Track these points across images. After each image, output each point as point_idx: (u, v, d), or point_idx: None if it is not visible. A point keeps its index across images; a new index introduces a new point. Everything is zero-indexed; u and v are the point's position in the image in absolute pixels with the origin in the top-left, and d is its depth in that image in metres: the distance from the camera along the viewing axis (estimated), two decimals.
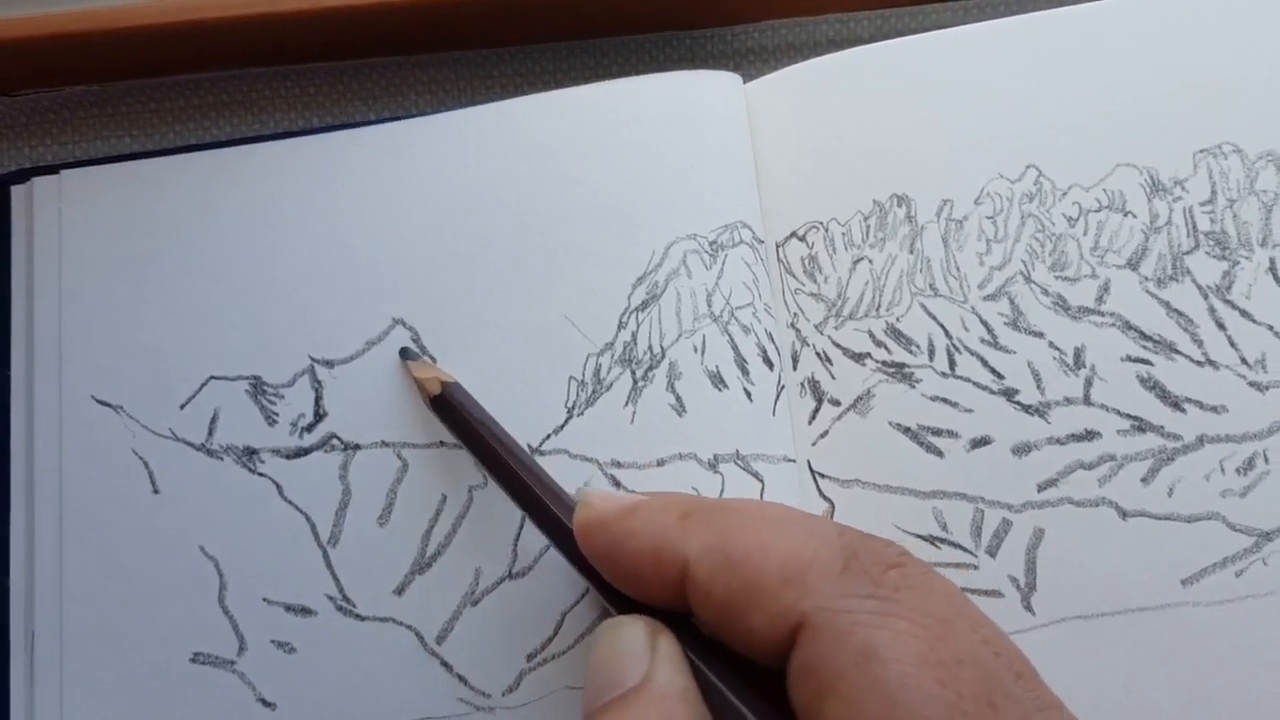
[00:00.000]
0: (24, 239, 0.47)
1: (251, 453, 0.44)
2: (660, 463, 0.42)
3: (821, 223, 0.45)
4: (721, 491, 0.42)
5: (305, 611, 0.43)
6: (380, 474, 0.44)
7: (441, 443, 0.43)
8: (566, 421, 0.43)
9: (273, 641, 0.44)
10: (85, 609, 0.44)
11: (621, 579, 0.35)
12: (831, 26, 0.51)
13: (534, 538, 0.43)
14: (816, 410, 0.43)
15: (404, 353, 0.44)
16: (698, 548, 0.33)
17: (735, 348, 0.43)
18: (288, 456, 0.44)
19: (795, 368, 0.44)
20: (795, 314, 0.44)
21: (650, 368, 0.43)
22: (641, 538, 0.34)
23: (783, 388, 0.43)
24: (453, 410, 0.42)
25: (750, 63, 0.51)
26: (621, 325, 0.44)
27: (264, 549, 0.44)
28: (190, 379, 0.46)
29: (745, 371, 0.43)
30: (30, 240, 0.47)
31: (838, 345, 0.44)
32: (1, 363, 0.46)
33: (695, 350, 0.43)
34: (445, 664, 0.42)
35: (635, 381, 0.43)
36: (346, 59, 0.50)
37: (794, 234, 0.45)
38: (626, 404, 0.43)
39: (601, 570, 0.36)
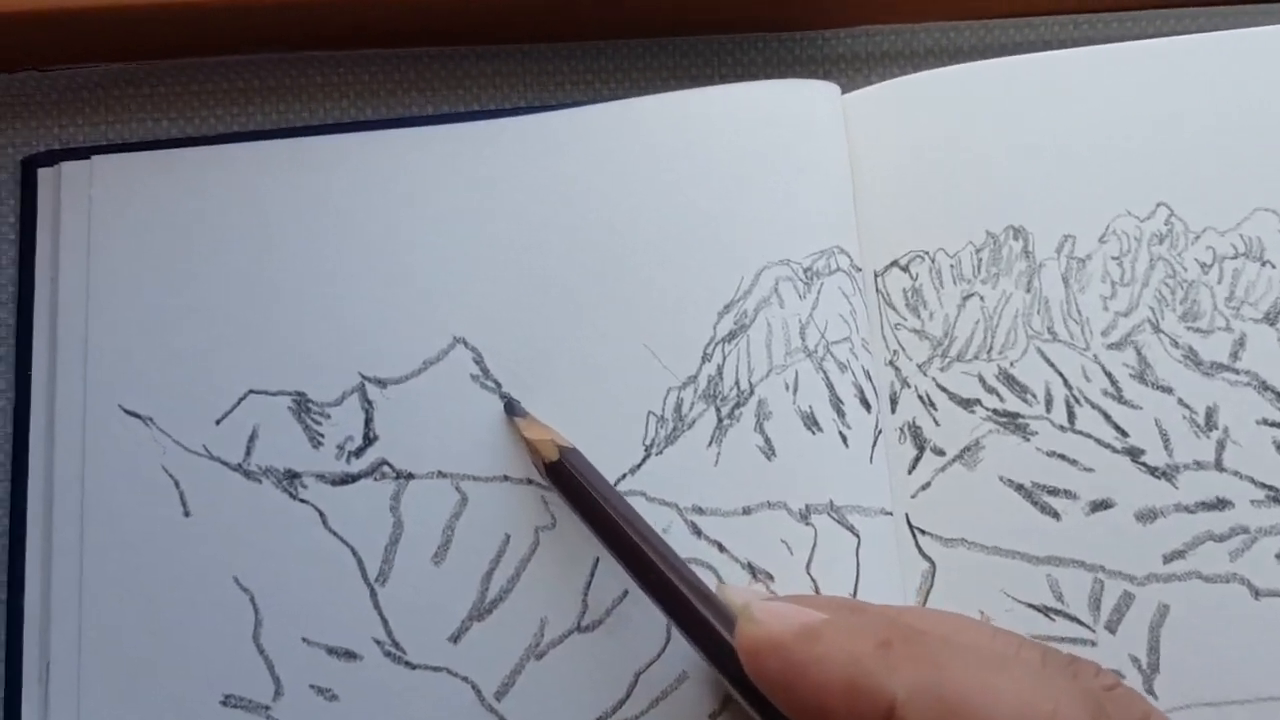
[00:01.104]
0: (50, 229, 0.45)
1: (293, 476, 0.42)
2: (746, 511, 0.41)
3: (927, 253, 0.43)
4: (814, 546, 0.40)
5: (349, 655, 0.41)
6: (436, 507, 0.43)
7: (506, 477, 0.42)
8: (644, 461, 0.42)
9: (312, 687, 0.42)
10: (106, 640, 0.42)
11: (802, 712, 0.33)
12: (930, 36, 0.50)
13: (606, 587, 0.42)
14: (917, 459, 0.42)
15: (509, 408, 0.43)
16: (907, 687, 0.31)
17: (830, 386, 0.41)
18: (333, 483, 0.43)
19: (894, 411, 0.42)
20: (895, 351, 0.42)
21: (737, 405, 0.42)
22: (832, 668, 0.32)
23: (880, 432, 0.41)
24: (573, 481, 0.40)
25: (841, 71, 0.50)
26: (706, 357, 0.42)
27: (305, 583, 0.42)
28: (228, 392, 0.44)
29: (841, 413, 0.41)
30: (56, 231, 0.45)
31: (943, 389, 0.42)
32: (22, 364, 0.44)
33: (787, 388, 0.42)
34: None
35: (720, 420, 0.42)
36: (405, 46, 0.49)
37: (895, 263, 0.43)
38: (710, 444, 0.41)
39: (775, 700, 0.33)
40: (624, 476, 0.42)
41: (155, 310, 0.45)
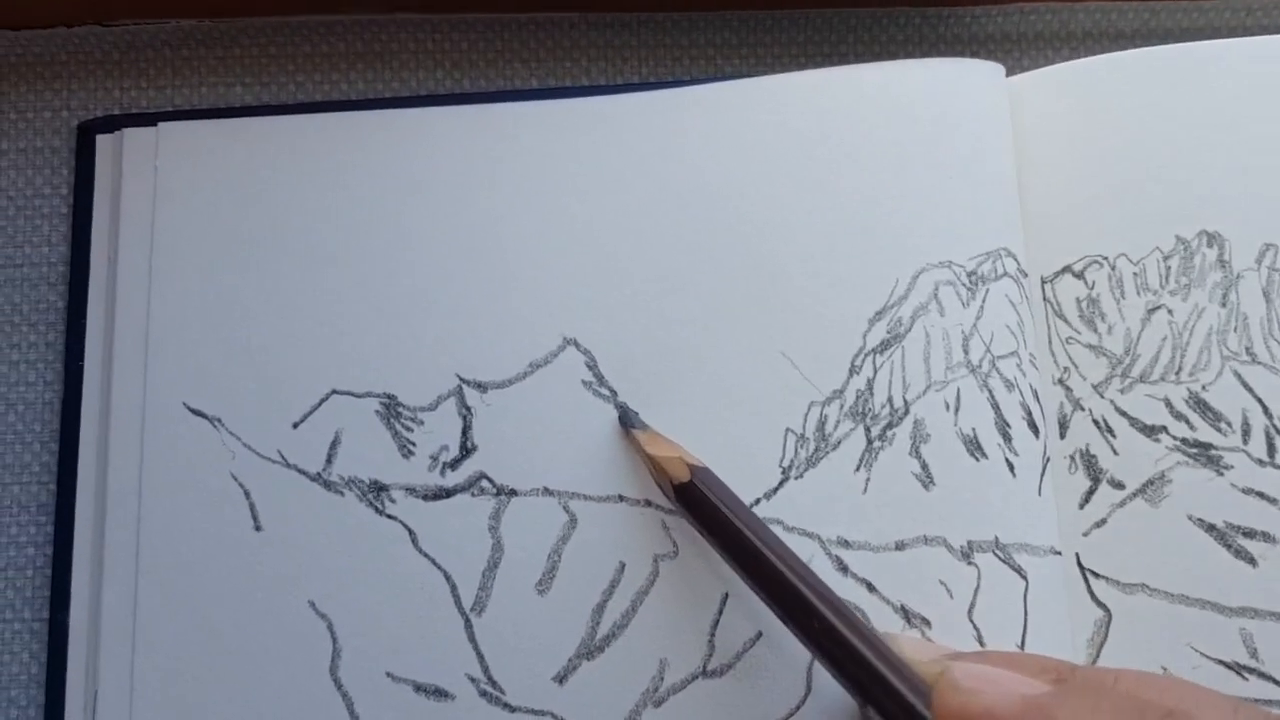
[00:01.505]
0: (108, 202, 0.42)
1: (380, 489, 0.39)
2: (900, 546, 0.36)
3: (1106, 258, 0.39)
4: (976, 589, 0.36)
5: (439, 694, 0.38)
6: (541, 529, 0.39)
7: (621, 496, 0.37)
8: (780, 485, 0.37)
9: None
10: (162, 667, 0.39)
11: None
12: (1090, 17, 0.45)
13: (737, 626, 0.38)
14: (1091, 492, 0.38)
15: (626, 419, 0.39)
16: None
17: (996, 407, 0.37)
18: (425, 498, 0.40)
19: (1063, 436, 0.38)
20: (1066, 369, 0.38)
21: (889, 425, 0.37)
22: None
23: (1048, 460, 0.36)
24: (706, 504, 0.36)
25: (990, 52, 0.46)
26: (854, 370, 0.38)
27: (390, 611, 0.39)
28: (307, 391, 0.41)
29: (1007, 437, 0.37)
30: (116, 205, 0.42)
31: (1123, 413, 0.38)
32: (72, 355, 0.40)
33: (947, 407, 0.37)
34: None
35: (870, 441, 0.37)
36: (507, 10, 0.44)
37: (1068, 269, 0.39)
38: (858, 469, 0.37)
39: None
40: (757, 502, 0.39)
41: (226, 297, 0.41)
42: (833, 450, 0.38)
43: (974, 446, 0.37)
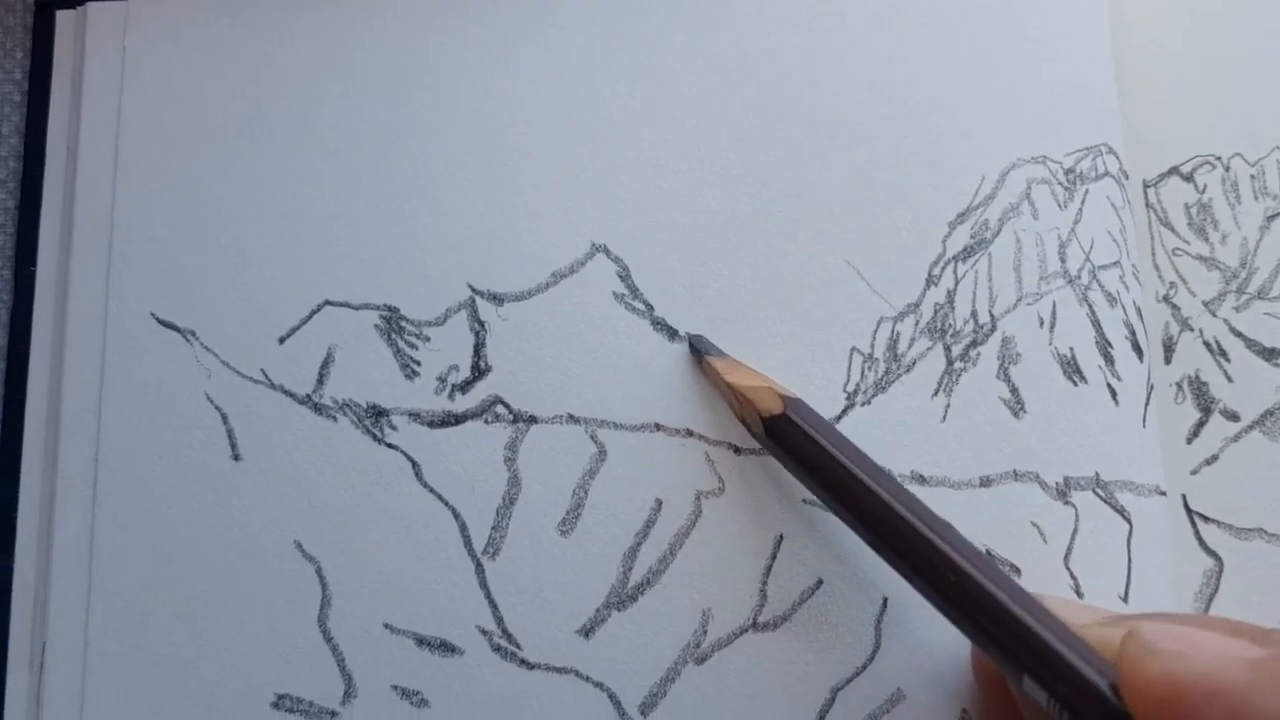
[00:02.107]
0: (69, 87, 0.39)
1: (379, 414, 0.35)
2: (985, 482, 0.32)
3: (1220, 158, 0.36)
4: (1074, 533, 0.32)
5: (446, 648, 0.34)
6: (565, 461, 0.35)
7: (658, 425, 0.33)
8: (845, 412, 0.34)
9: (395, 688, 0.34)
10: (121, 618, 0.35)
11: None
12: None
13: (793, 573, 0.34)
14: (1201, 424, 0.34)
15: (697, 345, 0.35)
16: None
17: (1098, 324, 0.33)
18: (431, 424, 0.36)
19: (1169, 361, 0.34)
20: (1172, 285, 0.34)
21: (973, 344, 0.33)
22: None
23: (1152, 388, 0.32)
24: (802, 441, 0.32)
25: None
26: (931, 280, 0.34)
27: (389, 553, 0.35)
28: (296, 302, 0.37)
29: (1110, 360, 0.32)
30: (78, 90, 0.38)
31: (1238, 334, 0.34)
32: (23, 256, 0.35)
33: (1041, 323, 0.33)
34: None
35: (950, 362, 0.33)
36: None
37: (1175, 170, 0.35)
38: (936, 393, 0.33)
39: None
40: None
41: (203, 194, 0.37)
42: (906, 372, 0.34)
43: (1072, 369, 0.33)
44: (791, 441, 0.31)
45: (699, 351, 0.34)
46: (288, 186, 0.36)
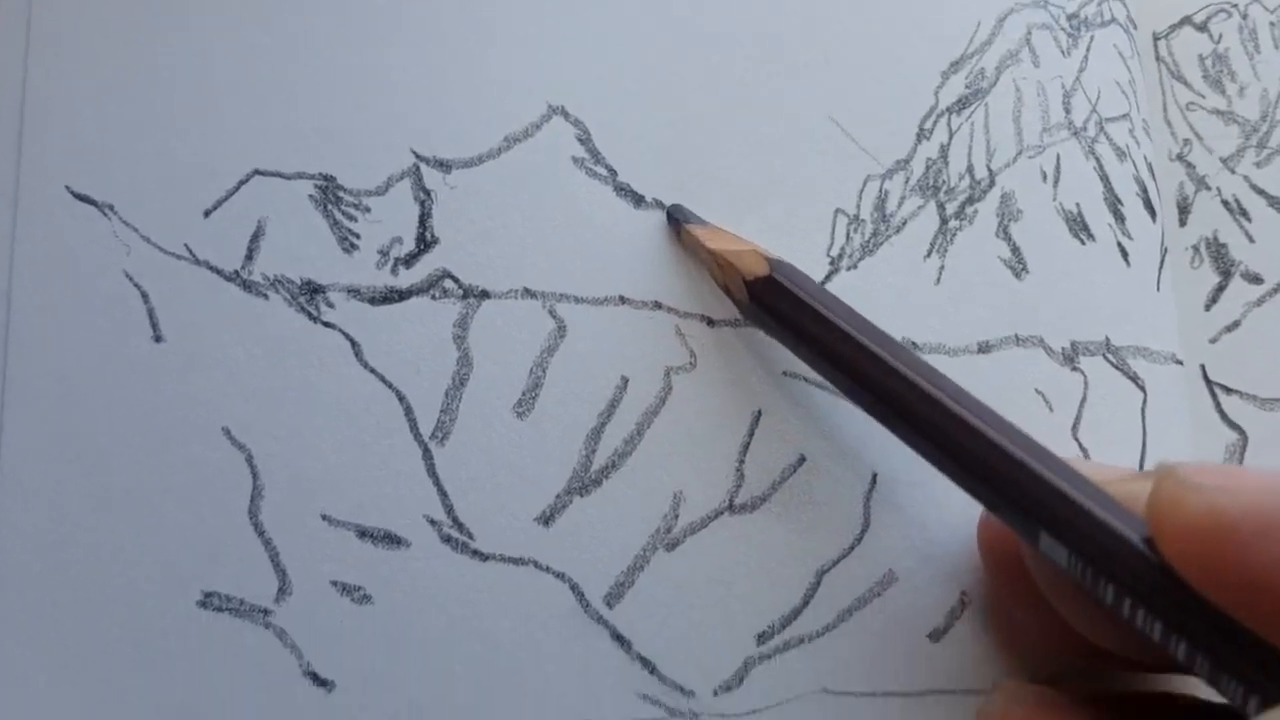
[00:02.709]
0: None
1: (314, 290, 0.33)
2: (984, 348, 0.30)
3: (1236, 5, 0.33)
4: (1082, 401, 0.30)
5: (390, 540, 0.32)
6: (521, 338, 0.33)
7: (622, 298, 0.31)
8: (830, 276, 0.32)
9: (335, 584, 0.32)
10: (32, 512, 0.32)
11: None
12: None
13: (773, 450, 0.32)
14: (1220, 289, 0.32)
15: (675, 214, 0.33)
16: None
17: (1105, 179, 0.31)
18: (372, 301, 0.33)
19: (1184, 223, 0.32)
20: (1186, 142, 0.32)
21: (969, 200, 0.31)
22: None
23: (1165, 251, 0.30)
24: (790, 303, 0.30)
25: None
26: (923, 134, 0.32)
27: (327, 439, 0.33)
28: (223, 171, 0.34)
29: (1119, 217, 0.31)
30: None
31: (1260, 191, 0.32)
32: None
33: (1044, 177, 0.31)
34: (620, 639, 0.31)
35: (944, 221, 0.31)
36: None
37: (1187, 20, 0.33)
38: (929, 255, 0.31)
39: (1255, 613, 0.22)
40: None
41: (121, 54, 0.35)
42: (896, 233, 0.32)
43: (1078, 226, 0.31)
44: (779, 305, 0.30)
45: (677, 221, 0.31)
46: (213, 46, 0.34)
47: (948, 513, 0.30)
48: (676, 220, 0.32)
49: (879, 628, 0.30)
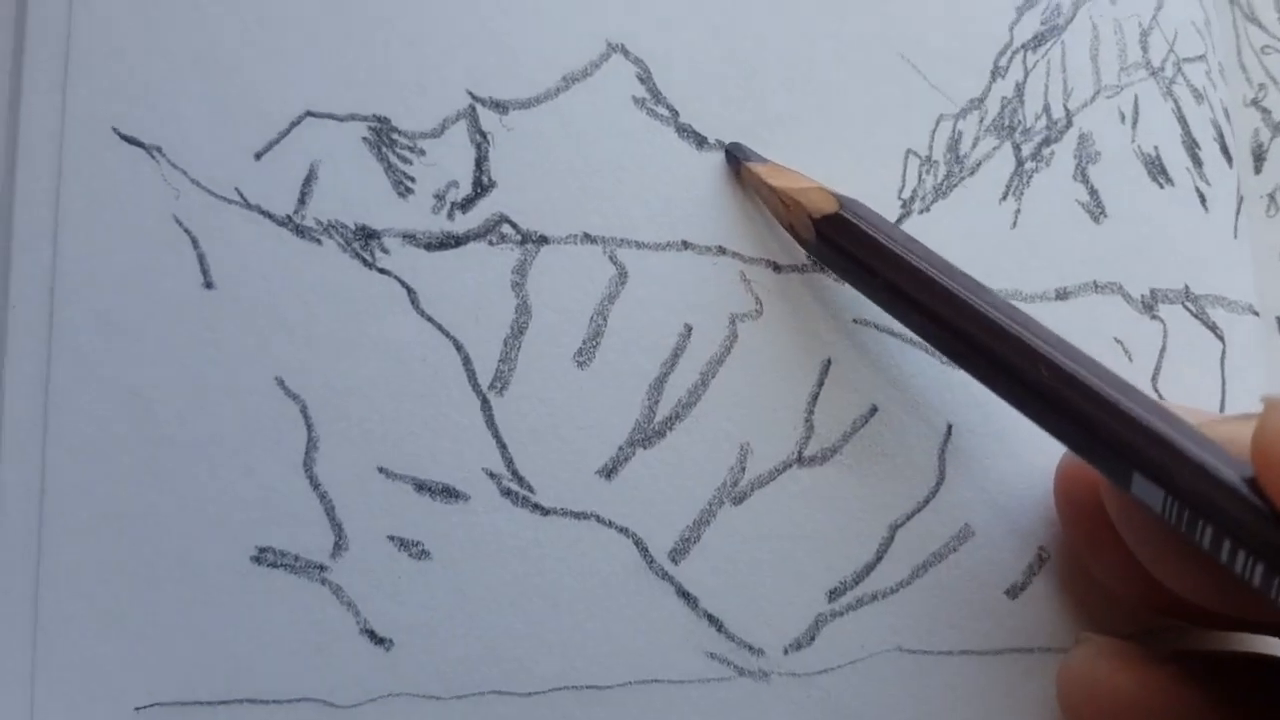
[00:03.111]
0: None
1: (369, 236, 0.31)
2: (1061, 295, 0.28)
3: None
4: (1162, 350, 0.27)
5: (449, 494, 0.30)
6: (581, 285, 0.31)
7: (685, 243, 0.29)
8: (901, 220, 0.29)
9: (392, 539, 0.30)
10: (81, 465, 0.30)
11: None
12: None
13: (844, 400, 0.30)
14: None
15: (734, 152, 0.31)
16: None
17: (1184, 121, 0.28)
18: (428, 247, 0.31)
19: (1259, 171, 0.29)
20: (1262, 87, 0.30)
21: (1046, 142, 0.28)
22: None
23: (1241, 200, 0.27)
24: (862, 241, 0.28)
25: None
26: (998, 72, 0.29)
27: (383, 390, 0.30)
28: (274, 113, 0.32)
29: (1198, 161, 0.28)
30: None
31: None
32: None
33: (1123, 119, 0.29)
34: (685, 595, 0.29)
35: (1020, 163, 0.28)
36: None
37: None
38: (1005, 197, 0.28)
39: None
40: None
41: None
42: (970, 175, 0.29)
43: (1157, 169, 0.29)
44: (849, 244, 0.27)
45: (736, 159, 0.29)
46: None
47: (1024, 465, 0.27)
48: (736, 159, 0.30)
49: (955, 584, 0.28)
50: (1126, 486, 0.23)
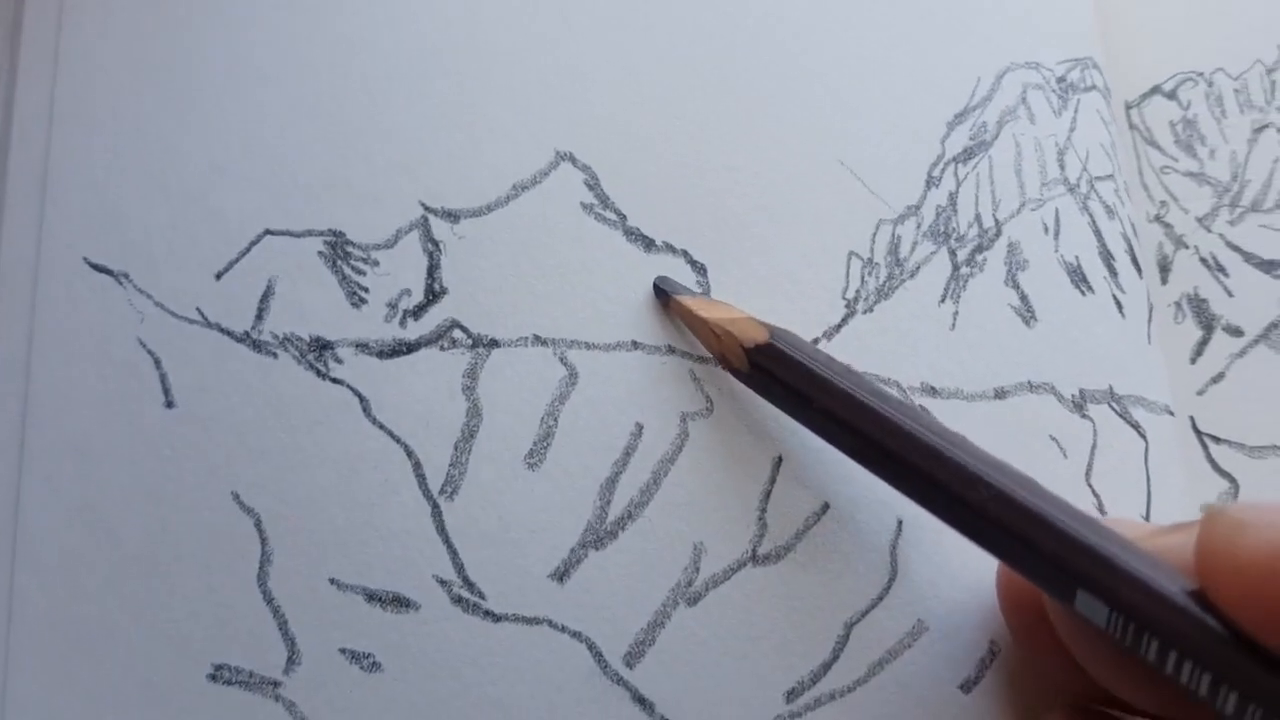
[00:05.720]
0: (9, 17, 0.26)
1: (323, 347, 0.25)
2: (1000, 394, 0.22)
3: (1202, 74, 0.26)
4: (1093, 449, 0.22)
5: (399, 603, 0.23)
6: (531, 387, 0.25)
7: (635, 343, 0.23)
8: (845, 320, 0.24)
9: (344, 651, 0.23)
10: (48, 585, 0.23)
11: None
12: None
13: (795, 498, 0.24)
14: (1203, 343, 0.25)
15: (662, 286, 0.25)
16: None
17: (1099, 234, 0.23)
18: (380, 355, 0.25)
19: (1165, 281, 0.25)
20: (1163, 203, 0.25)
21: (979, 248, 0.23)
22: None
23: (1151, 306, 0.21)
24: (791, 369, 0.22)
25: None
26: (932, 182, 0.24)
27: (335, 500, 0.24)
28: (235, 233, 0.26)
29: (1113, 271, 0.22)
30: (17, 21, 0.27)
31: (1235, 248, 0.26)
32: None
33: (1046, 230, 0.24)
34: (641, 700, 0.23)
35: (956, 267, 0.23)
36: None
37: (1157, 89, 0.26)
38: (944, 300, 0.23)
39: None
40: (816, 341, 0.23)
41: (140, 130, 0.26)
42: (910, 278, 0.24)
43: (1079, 277, 0.24)
44: (782, 371, 0.22)
45: (665, 293, 0.23)
46: (226, 110, 0.26)
47: (974, 558, 0.22)
48: (665, 293, 0.23)
49: (910, 680, 0.22)
50: (1070, 602, 0.17)
